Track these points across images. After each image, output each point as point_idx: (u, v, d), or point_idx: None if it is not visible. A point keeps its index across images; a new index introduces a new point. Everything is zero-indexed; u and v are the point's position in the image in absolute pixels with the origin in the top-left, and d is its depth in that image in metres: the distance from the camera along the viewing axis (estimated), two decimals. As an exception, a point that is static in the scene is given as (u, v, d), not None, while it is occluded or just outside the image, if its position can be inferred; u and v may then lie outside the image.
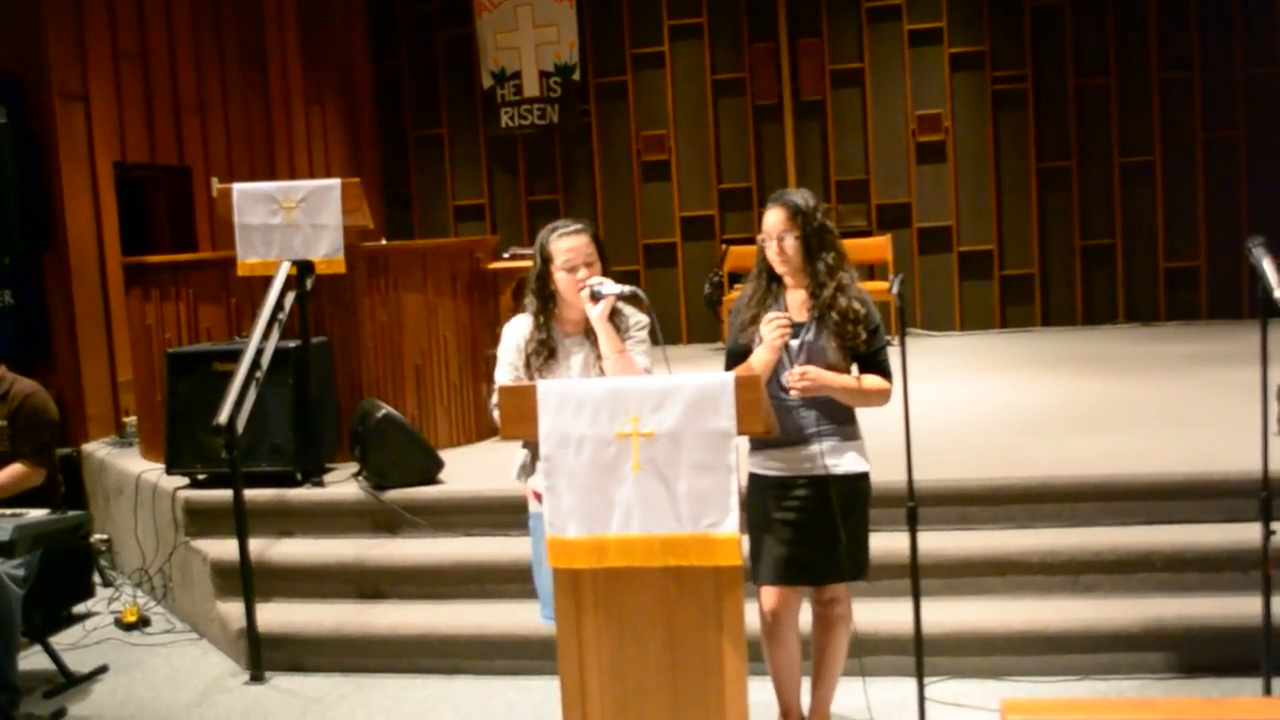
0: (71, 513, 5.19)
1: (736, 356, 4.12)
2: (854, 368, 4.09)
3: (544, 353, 4.00)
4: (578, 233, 4.00)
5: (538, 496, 3.79)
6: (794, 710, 4.30)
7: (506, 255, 8.23)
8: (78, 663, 5.69)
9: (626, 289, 3.91)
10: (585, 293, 3.90)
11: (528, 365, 3.99)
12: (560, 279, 3.96)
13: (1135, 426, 6.58)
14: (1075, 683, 4.76)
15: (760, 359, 3.97)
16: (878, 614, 4.82)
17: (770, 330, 3.93)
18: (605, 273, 4.01)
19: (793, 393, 3.92)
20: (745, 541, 3.64)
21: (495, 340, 7.40)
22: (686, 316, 11.86)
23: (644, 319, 4.06)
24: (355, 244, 6.80)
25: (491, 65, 12.23)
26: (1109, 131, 11.30)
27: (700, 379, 3.34)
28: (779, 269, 4.08)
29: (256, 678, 5.42)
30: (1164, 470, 5.49)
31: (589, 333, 4.01)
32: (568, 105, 12.11)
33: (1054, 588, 5.12)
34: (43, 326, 8.01)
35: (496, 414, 3.80)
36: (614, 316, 3.97)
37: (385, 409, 6.26)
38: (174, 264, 7.39)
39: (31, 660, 5.56)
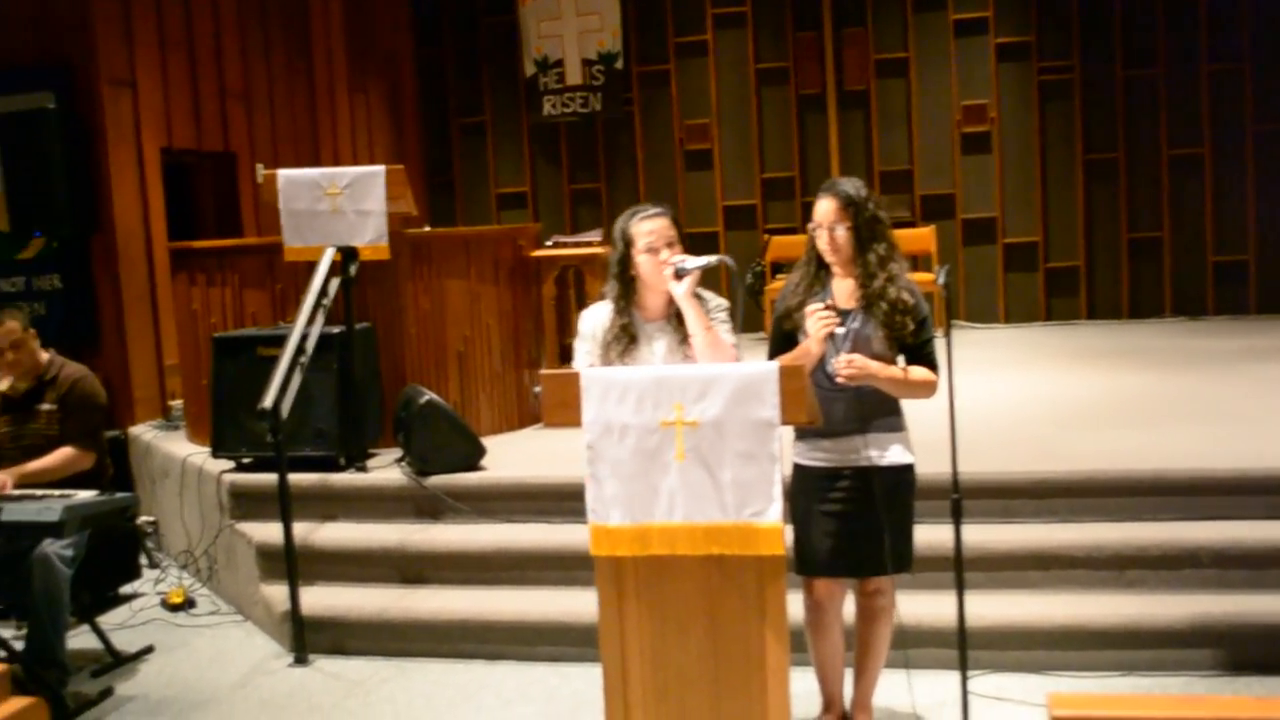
0: (119, 495, 5.23)
1: (780, 343, 4.10)
2: (900, 359, 4.06)
3: (625, 339, 3.90)
4: (659, 215, 3.93)
5: None
6: (836, 702, 4.29)
7: (549, 243, 8.25)
8: (124, 643, 5.75)
9: (713, 259, 3.84)
10: (669, 271, 3.82)
11: (606, 353, 3.91)
12: (642, 261, 3.88)
13: (1182, 421, 6.51)
14: (1119, 679, 4.72)
15: (807, 346, 3.94)
16: (921, 606, 4.80)
17: (814, 323, 3.91)
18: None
19: (839, 380, 3.90)
20: (789, 532, 3.64)
21: (537, 327, 7.50)
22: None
23: (723, 301, 4.00)
24: (399, 231, 6.82)
25: (534, 53, 12.23)
26: (1157, 123, 11.17)
27: (744, 367, 3.34)
28: (829, 258, 4.05)
29: (300, 660, 5.46)
30: (1211, 466, 5.44)
31: (670, 318, 3.94)
32: (610, 93, 12.10)
33: (1098, 583, 5.08)
34: (90, 310, 8.10)
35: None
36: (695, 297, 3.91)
37: (428, 395, 6.29)
38: (220, 249, 7.45)
39: (80, 640, 5.63)
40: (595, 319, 3.99)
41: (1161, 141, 11.17)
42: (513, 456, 6.48)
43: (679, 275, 3.81)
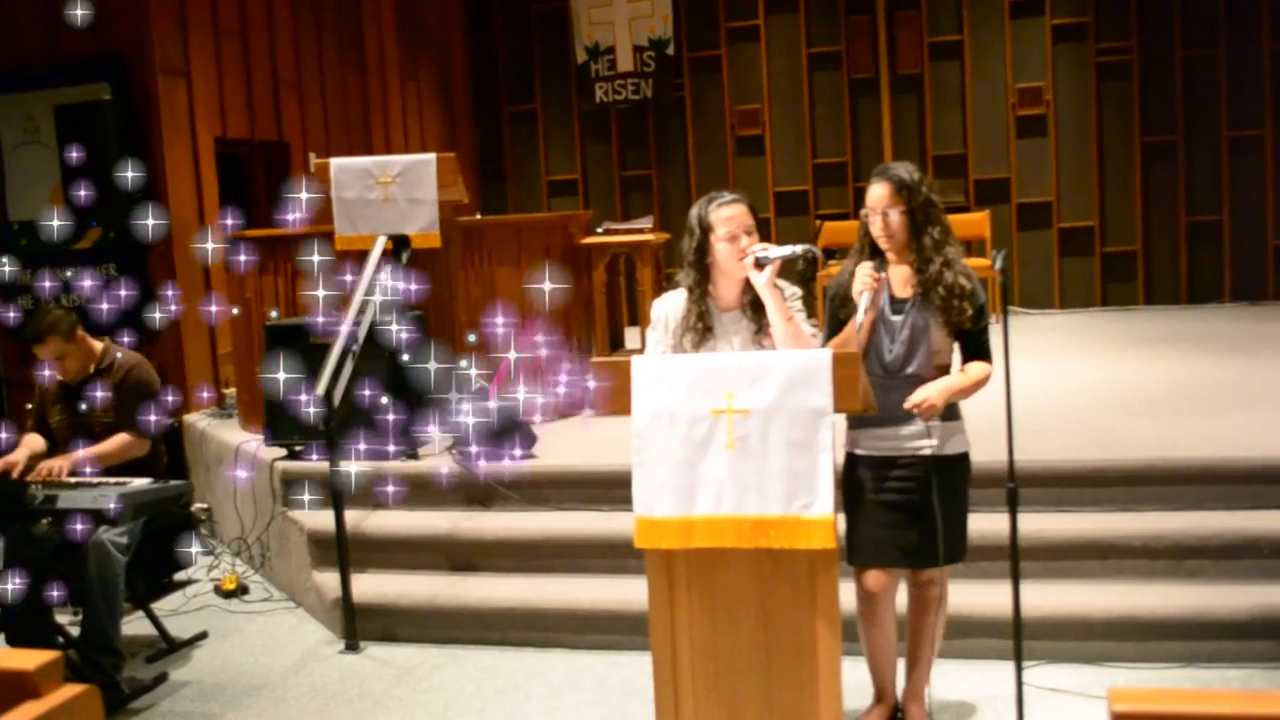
0: (173, 482, 5.27)
1: (835, 330, 4.04)
2: (954, 347, 4.00)
3: (700, 328, 3.84)
4: (736, 202, 3.88)
5: None
6: (889, 692, 4.25)
7: (600, 230, 8.22)
8: (178, 628, 5.81)
9: (798, 249, 3.79)
10: (749, 260, 3.76)
11: (679, 342, 3.85)
12: (721, 249, 3.82)
13: (1242, 408, 6.39)
14: (1178, 670, 4.65)
15: (857, 323, 3.89)
16: (974, 596, 4.75)
17: (857, 283, 3.86)
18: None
19: (919, 415, 3.83)
20: (841, 521, 3.59)
21: (588, 315, 7.47)
22: (779, 293, 11.76)
23: (798, 290, 3.95)
24: (450, 218, 6.82)
25: (585, 40, 12.21)
26: (1217, 105, 10.96)
27: (797, 355, 3.30)
28: (883, 245, 3.98)
29: (351, 647, 5.49)
30: (1273, 454, 5.31)
31: (745, 308, 3.88)
32: (661, 80, 12.05)
33: (1157, 572, 5.00)
34: (145, 299, 8.15)
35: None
36: None
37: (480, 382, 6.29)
38: (273, 238, 7.49)
39: (134, 625, 5.69)
40: (669, 307, 3.94)
41: (1221, 123, 10.96)
42: (563, 445, 6.47)
43: (759, 264, 3.76)
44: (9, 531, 5.31)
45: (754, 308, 3.86)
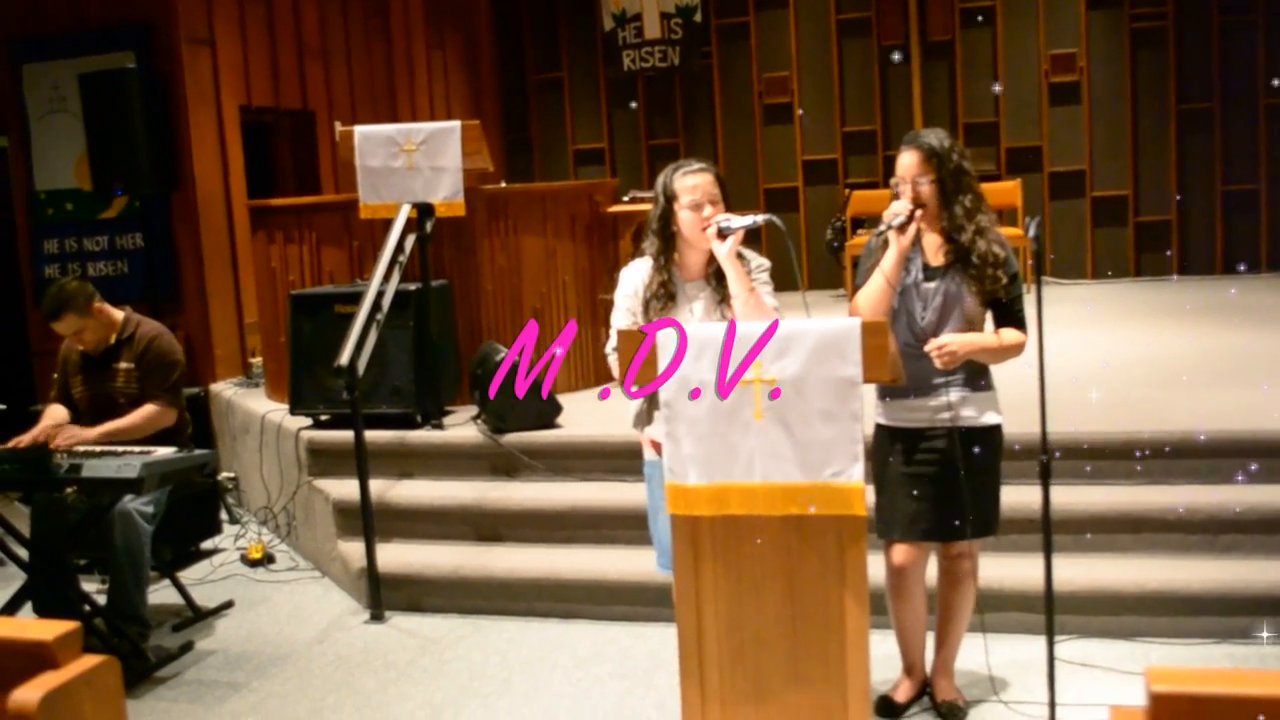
0: (197, 451, 5.25)
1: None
2: (988, 316, 3.94)
3: (664, 296, 3.85)
4: (701, 171, 3.87)
5: (655, 446, 3.71)
6: (918, 666, 4.20)
7: (626, 199, 8.17)
8: (205, 597, 5.81)
9: (759, 219, 3.75)
10: (712, 230, 3.74)
11: (646, 310, 3.85)
12: (684, 218, 3.82)
13: (1278, 380, 6.28)
14: (1212, 646, 4.58)
15: (888, 261, 3.82)
16: (1004, 569, 4.69)
17: (886, 215, 3.80)
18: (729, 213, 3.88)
19: (935, 359, 3.77)
20: (870, 494, 3.55)
21: (614, 284, 7.41)
22: (808, 262, 11.68)
23: (765, 262, 3.93)
24: (475, 187, 6.78)
25: (612, 7, 12.09)
26: (1254, 71, 10.76)
27: (826, 324, 3.24)
28: (913, 212, 3.92)
29: (376, 617, 5.48)
30: (1311, 426, 5.23)
31: (709, 277, 3.89)
32: (689, 47, 11.93)
33: (1191, 547, 4.92)
34: (171, 268, 8.16)
35: (613, 359, 3.74)
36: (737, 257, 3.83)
37: (504, 352, 6.25)
38: (297, 207, 7.46)
39: (161, 594, 5.71)
40: (635, 275, 3.93)
41: (1258, 90, 10.75)
42: (589, 414, 6.44)
43: (722, 234, 3.73)
44: (35, 500, 5.33)
45: (718, 277, 3.86)
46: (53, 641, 2.45)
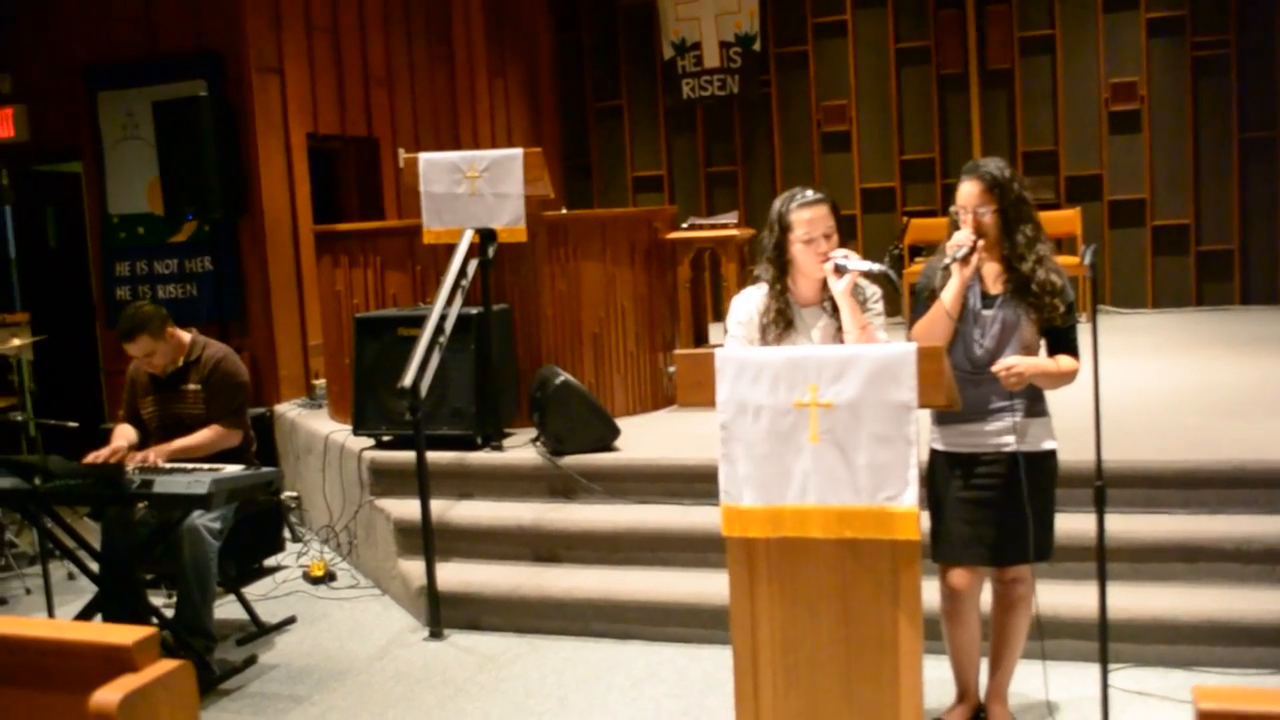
0: (264, 469, 5.38)
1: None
2: (1042, 344, 3.97)
3: (782, 323, 3.87)
4: (818, 203, 3.86)
5: None
6: (971, 691, 4.22)
7: (685, 225, 8.23)
8: (268, 613, 5.93)
9: (876, 268, 3.78)
10: (829, 265, 3.78)
11: (763, 336, 3.88)
12: (798, 251, 3.84)
13: (1341, 410, 6.24)
14: (1269, 676, 4.55)
15: (949, 293, 3.87)
16: (1059, 596, 4.69)
17: (949, 247, 3.84)
18: (842, 243, 3.92)
19: (1003, 380, 3.81)
20: (925, 518, 3.58)
21: (672, 310, 7.50)
22: (865, 290, 11.68)
23: (878, 290, 3.94)
24: (536, 213, 6.88)
25: (672, 36, 12.22)
26: (1318, 100, 10.69)
27: (881, 349, 3.29)
28: (975, 243, 3.96)
29: (435, 634, 5.56)
30: (1373, 457, 5.19)
31: (824, 302, 3.91)
32: (748, 76, 12.02)
33: (1248, 577, 4.89)
34: (239, 291, 8.33)
35: None
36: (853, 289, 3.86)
37: (564, 376, 6.34)
38: (362, 232, 7.60)
39: (225, 609, 5.82)
40: (750, 303, 3.95)
41: (1323, 119, 10.68)
42: (646, 438, 6.50)
43: (839, 270, 3.77)
44: (106, 515, 5.46)
45: (834, 305, 3.86)
46: (132, 646, 2.55)
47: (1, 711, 2.67)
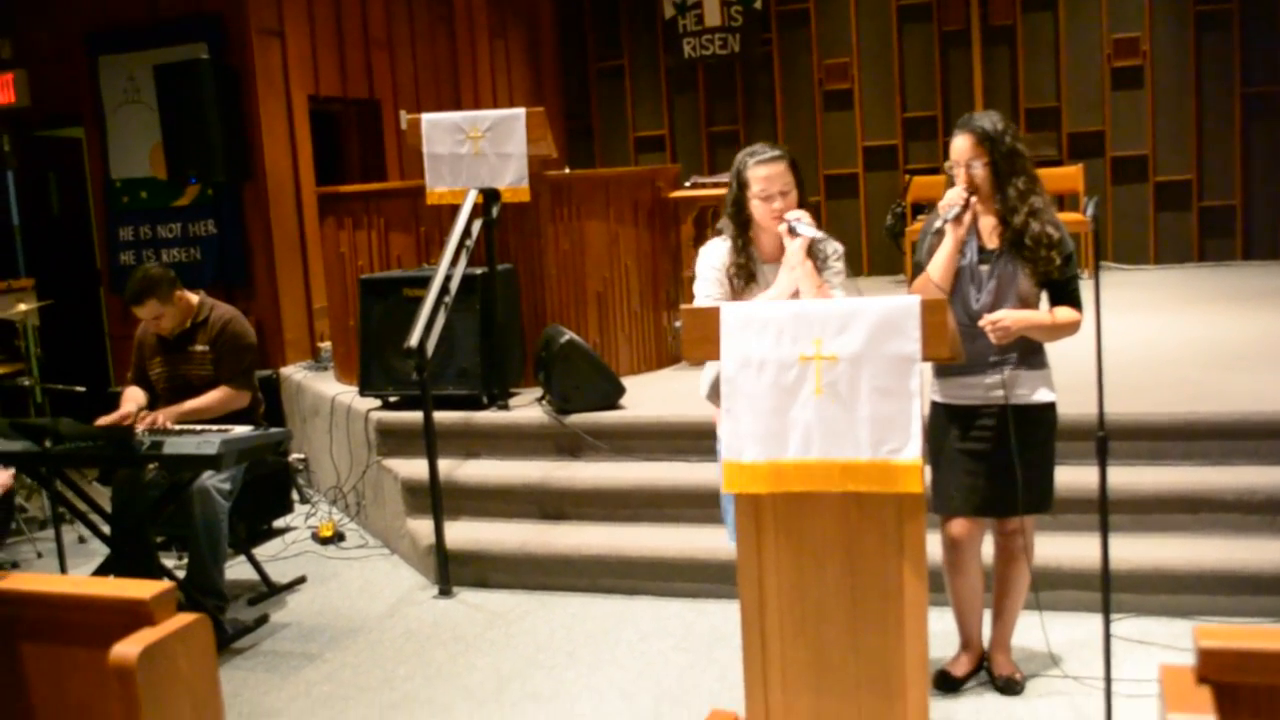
0: (273, 429, 5.41)
1: (924, 282, 4.05)
2: (1043, 297, 3.99)
3: (744, 276, 3.93)
4: (775, 159, 3.90)
5: None
6: (975, 641, 4.27)
7: (688, 184, 8.24)
8: (278, 573, 5.99)
9: (820, 235, 3.83)
10: (783, 226, 3.83)
11: (731, 287, 3.94)
12: (756, 207, 3.90)
13: (1343, 363, 6.26)
14: (1271, 624, 4.60)
15: (943, 252, 3.90)
16: (1061, 548, 4.74)
17: (943, 205, 3.86)
18: (802, 201, 3.94)
19: (990, 334, 3.84)
20: (927, 471, 3.61)
21: (676, 268, 7.51)
22: (868, 247, 11.70)
23: (840, 247, 3.98)
24: (539, 173, 6.89)
25: (673, -5, 12.18)
26: (1322, 54, 10.65)
27: (885, 302, 3.30)
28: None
29: (445, 592, 5.62)
30: (1373, 408, 5.22)
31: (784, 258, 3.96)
32: (749, 34, 11.98)
33: (1250, 527, 4.94)
34: (243, 255, 8.36)
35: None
36: (811, 245, 3.90)
37: (568, 335, 6.36)
38: (365, 194, 7.61)
39: (236, 570, 5.88)
40: (716, 254, 4.00)
41: (1326, 73, 10.65)
42: (651, 396, 6.54)
43: (792, 231, 3.80)
44: (117, 477, 5.51)
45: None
46: (150, 600, 2.61)
47: (25, 665, 2.72)
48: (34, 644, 2.72)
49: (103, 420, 5.32)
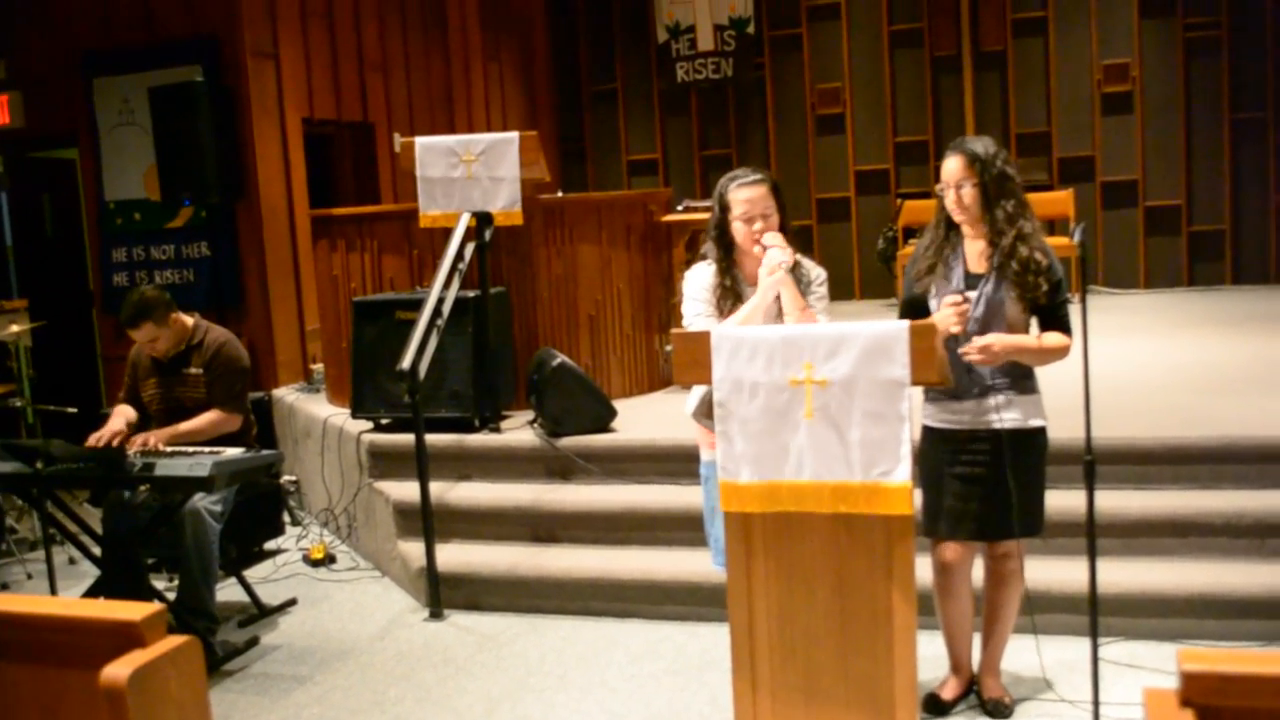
0: (265, 451, 5.42)
1: (912, 306, 4.08)
2: (1033, 321, 4.01)
3: (730, 298, 3.97)
4: (757, 183, 3.96)
5: (713, 445, 3.81)
6: (964, 665, 4.28)
7: (680, 208, 8.27)
8: (269, 595, 5.98)
9: (788, 259, 3.84)
10: (758, 249, 3.88)
11: (719, 309, 3.98)
12: (737, 229, 3.95)
13: (1331, 388, 6.30)
14: (1258, 648, 4.61)
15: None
16: (1051, 572, 4.76)
17: (942, 316, 3.87)
18: (784, 225, 3.97)
19: (972, 358, 3.86)
20: (917, 494, 3.63)
21: (668, 292, 7.53)
22: (859, 271, 11.75)
23: (823, 273, 4.03)
24: (532, 196, 6.92)
25: (666, 19, 12.25)
26: (1310, 80, 10.73)
27: (875, 326, 3.33)
28: (957, 218, 4.01)
29: (435, 615, 5.62)
30: (1361, 433, 5.25)
31: None
32: (742, 59, 12.06)
33: (1238, 551, 4.96)
34: (236, 276, 8.37)
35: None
36: (794, 269, 3.93)
37: (560, 358, 6.38)
38: (359, 216, 7.62)
39: (226, 592, 5.87)
40: (702, 277, 4.05)
41: (1314, 100, 10.73)
42: (643, 419, 6.55)
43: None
44: (108, 499, 5.51)
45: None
46: (140, 621, 2.60)
47: (14, 687, 2.72)
48: (24, 666, 2.72)
49: (92, 437, 5.32)
